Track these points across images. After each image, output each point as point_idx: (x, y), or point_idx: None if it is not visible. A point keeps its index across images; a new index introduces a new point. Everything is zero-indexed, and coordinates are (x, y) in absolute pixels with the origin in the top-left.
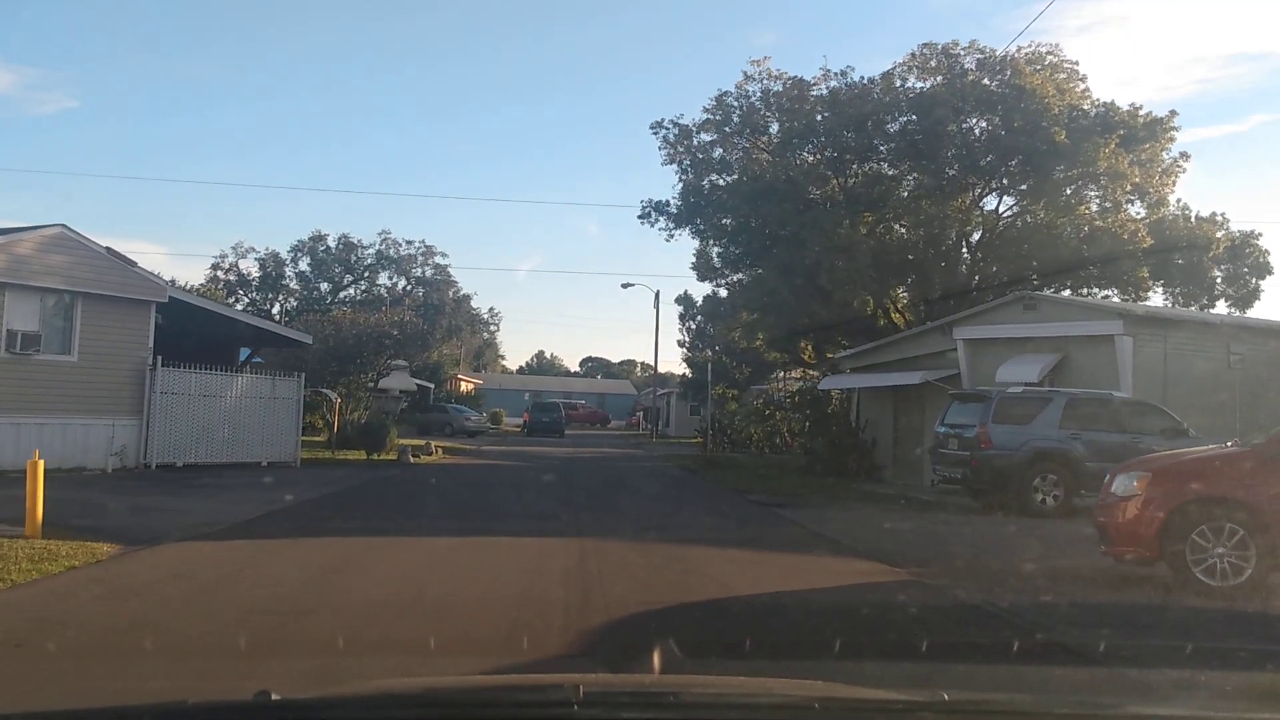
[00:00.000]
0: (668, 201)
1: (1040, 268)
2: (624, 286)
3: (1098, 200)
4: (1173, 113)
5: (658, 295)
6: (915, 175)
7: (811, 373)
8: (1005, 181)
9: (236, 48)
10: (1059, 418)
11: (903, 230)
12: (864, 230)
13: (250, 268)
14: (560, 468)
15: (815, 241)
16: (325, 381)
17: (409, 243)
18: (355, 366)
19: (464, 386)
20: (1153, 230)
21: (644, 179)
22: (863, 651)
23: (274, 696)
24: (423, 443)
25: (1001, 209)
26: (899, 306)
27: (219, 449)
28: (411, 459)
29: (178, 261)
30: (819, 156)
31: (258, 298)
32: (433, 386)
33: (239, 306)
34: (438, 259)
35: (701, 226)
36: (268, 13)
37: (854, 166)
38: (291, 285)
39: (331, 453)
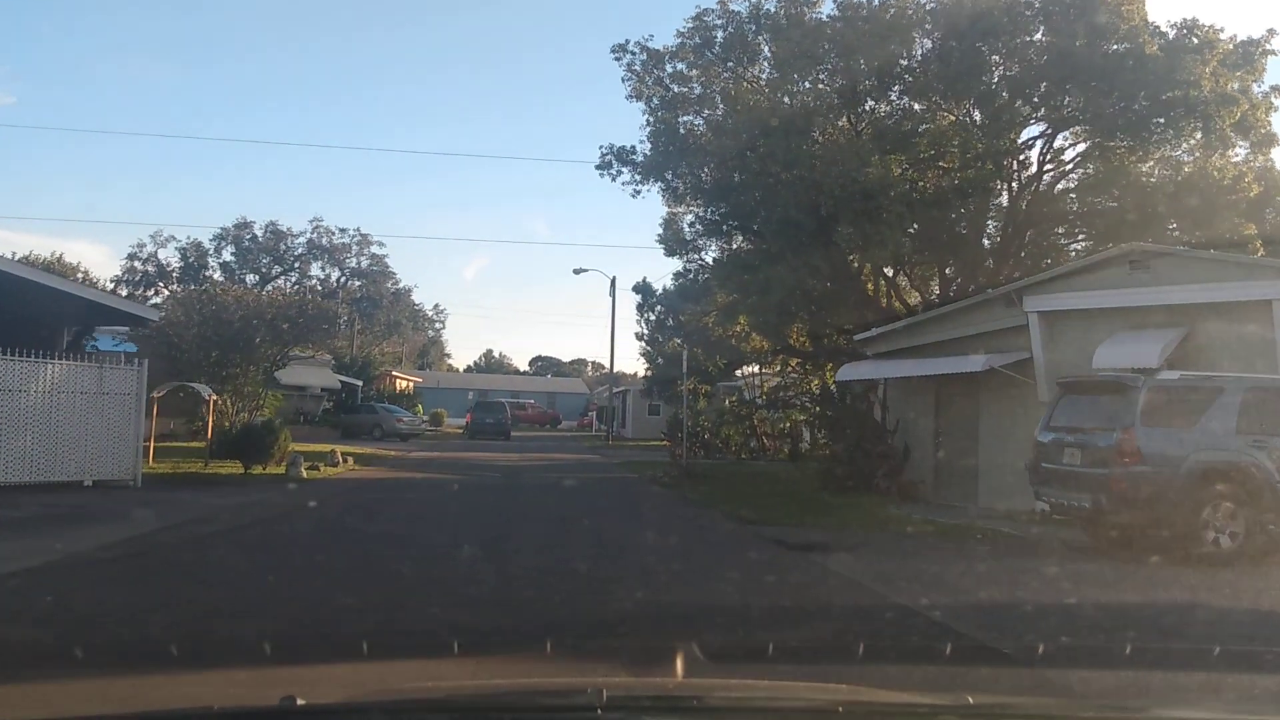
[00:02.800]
0: (633, 147)
1: (1107, 225)
2: (576, 272)
3: (1198, 135)
4: (1271, 32)
5: (614, 281)
6: (951, 103)
7: (795, 362)
8: (1067, 113)
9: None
10: (1235, 416)
11: (938, 176)
12: (897, 171)
13: (170, 258)
14: (498, 485)
15: (834, 184)
16: (204, 373)
17: (342, 230)
18: (241, 355)
19: (401, 384)
20: (1258, 177)
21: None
22: None
23: (299, 702)
24: (328, 449)
25: (1060, 147)
26: (913, 279)
27: (16, 465)
28: (304, 474)
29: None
30: (826, 87)
31: (178, 290)
32: (361, 384)
33: (154, 301)
34: (374, 249)
35: (674, 182)
36: None
37: (870, 102)
38: (215, 276)
39: (204, 465)
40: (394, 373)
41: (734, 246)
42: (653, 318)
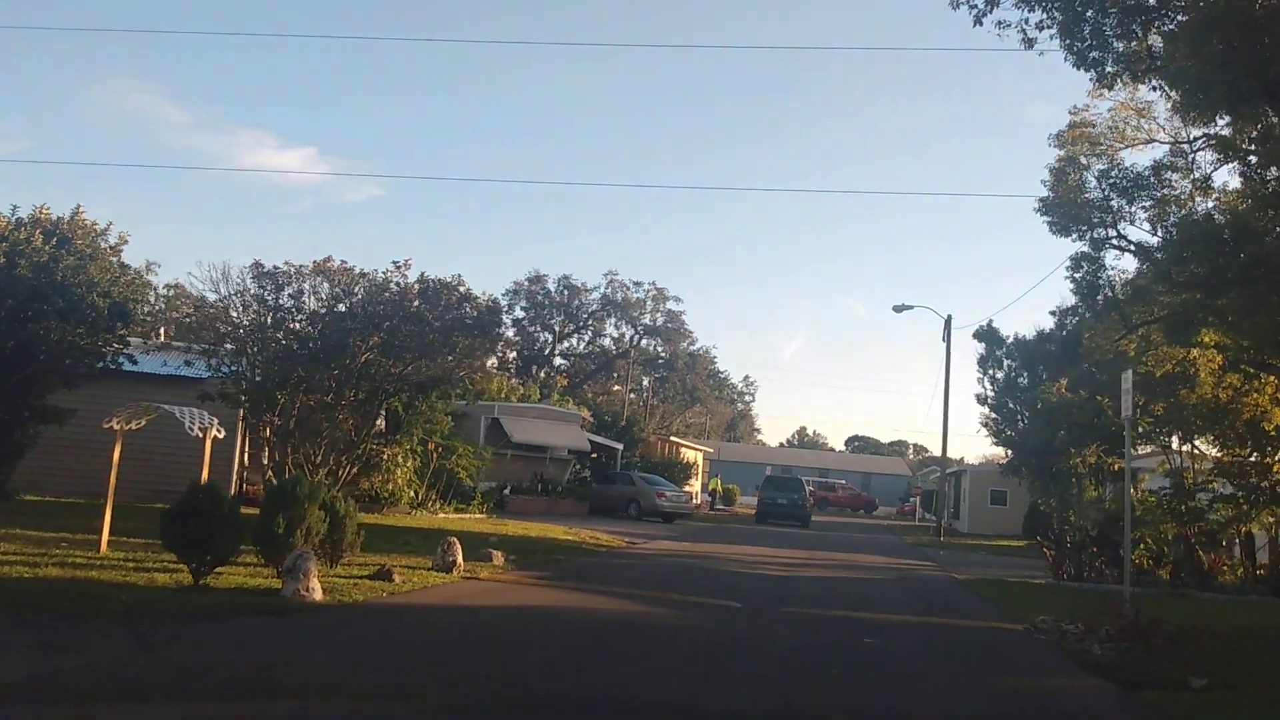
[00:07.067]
0: None
1: None
2: (897, 309)
3: None
4: None
5: (948, 322)
6: None
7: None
8: None
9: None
10: None
11: None
12: None
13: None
14: (710, 647)
15: None
16: (277, 406)
17: (636, 284)
18: (336, 374)
19: (685, 454)
20: None
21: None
22: None
23: None
24: (453, 538)
25: None
26: None
27: None
28: (311, 592)
29: None
30: None
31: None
32: (621, 448)
33: None
34: (670, 304)
35: (1103, 49)
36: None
37: None
38: (509, 335)
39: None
40: (674, 438)
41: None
42: (999, 376)
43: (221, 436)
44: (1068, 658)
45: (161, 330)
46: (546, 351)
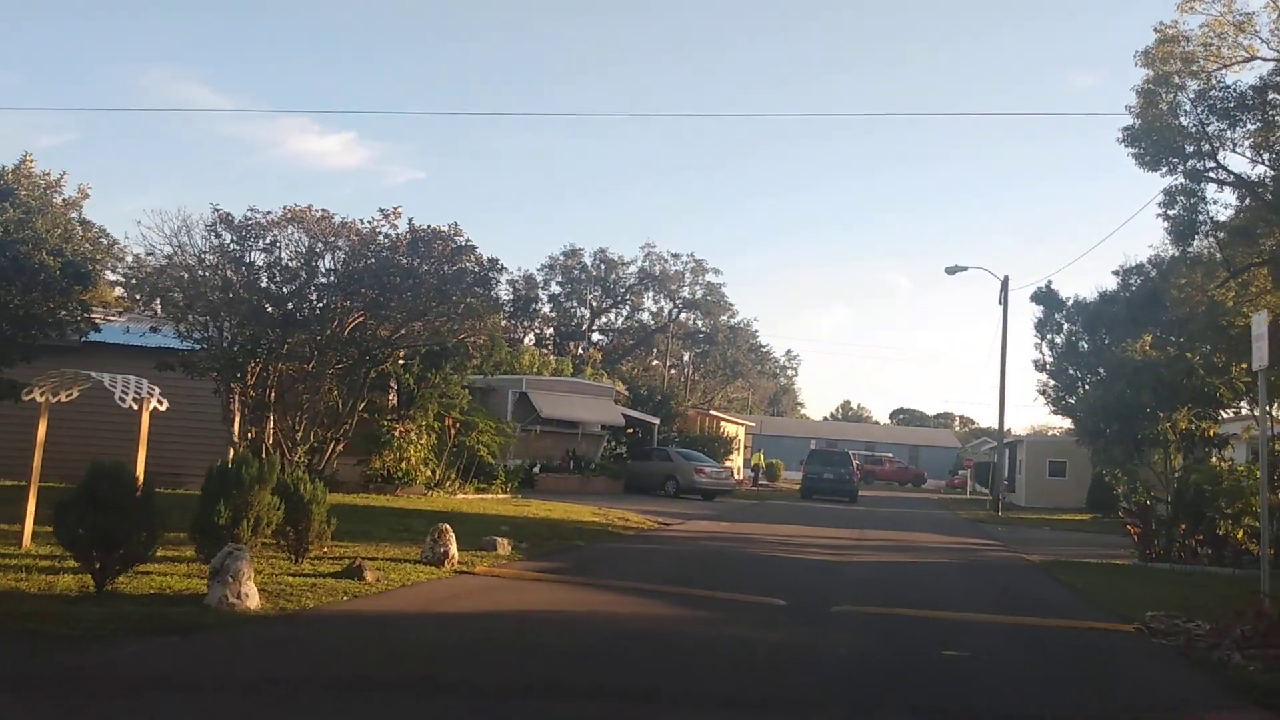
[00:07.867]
0: None
1: None
2: (950, 272)
3: None
4: None
5: (1005, 282)
6: None
7: None
8: None
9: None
10: None
11: None
12: None
13: (500, 294)
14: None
15: None
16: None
17: (674, 256)
18: (307, 337)
19: (726, 428)
20: None
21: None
22: None
23: None
24: (452, 526)
25: None
26: None
27: None
28: (247, 598)
29: None
30: None
31: (510, 325)
32: (657, 422)
33: None
34: (709, 276)
35: None
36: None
37: None
38: (546, 310)
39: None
40: (714, 412)
41: None
42: (1058, 341)
43: (164, 408)
44: (1205, 674)
45: (159, 301)
46: (584, 327)
